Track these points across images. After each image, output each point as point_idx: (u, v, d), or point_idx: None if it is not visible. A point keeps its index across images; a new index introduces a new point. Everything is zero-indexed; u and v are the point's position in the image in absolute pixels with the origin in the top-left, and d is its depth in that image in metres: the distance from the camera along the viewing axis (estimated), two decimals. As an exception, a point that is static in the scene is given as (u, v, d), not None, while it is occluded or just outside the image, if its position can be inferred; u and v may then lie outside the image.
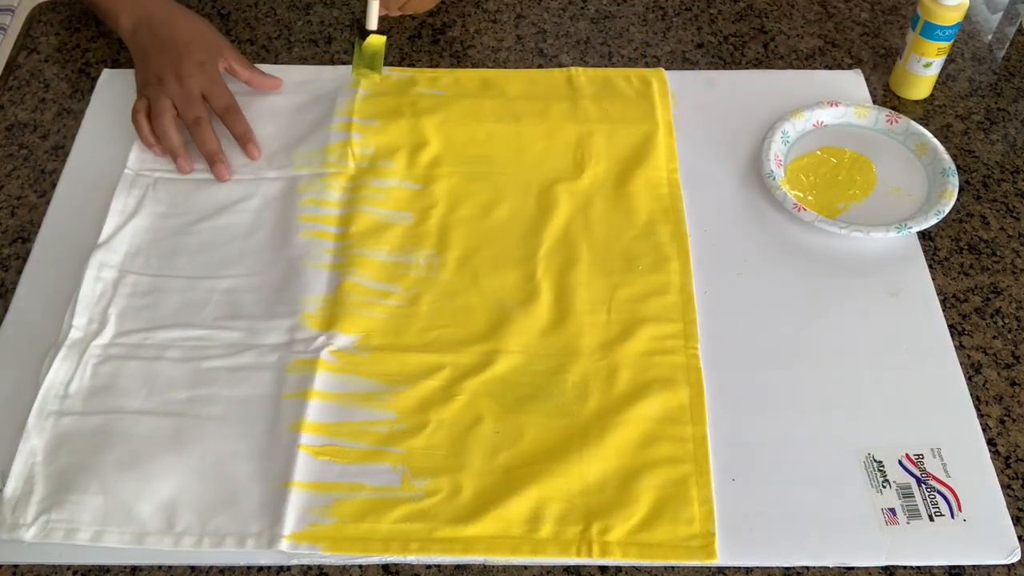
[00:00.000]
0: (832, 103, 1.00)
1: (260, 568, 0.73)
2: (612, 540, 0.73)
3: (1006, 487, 0.76)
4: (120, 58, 1.07)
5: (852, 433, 0.79)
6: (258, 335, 0.84)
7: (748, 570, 0.73)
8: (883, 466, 0.77)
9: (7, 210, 0.94)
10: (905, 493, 0.75)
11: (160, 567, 0.73)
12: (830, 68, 1.08)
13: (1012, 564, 0.73)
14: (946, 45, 0.99)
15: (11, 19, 1.59)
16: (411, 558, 0.73)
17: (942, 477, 0.76)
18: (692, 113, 1.02)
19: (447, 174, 0.96)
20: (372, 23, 0.80)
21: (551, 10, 1.14)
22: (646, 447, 0.78)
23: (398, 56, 1.09)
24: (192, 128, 0.95)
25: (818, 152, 0.99)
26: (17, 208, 0.95)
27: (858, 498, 0.75)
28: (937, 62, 1.01)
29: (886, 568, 0.73)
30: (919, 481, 0.76)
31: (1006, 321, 0.87)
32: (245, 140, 0.95)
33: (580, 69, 1.06)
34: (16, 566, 0.73)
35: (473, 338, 0.84)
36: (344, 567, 0.73)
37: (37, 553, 0.73)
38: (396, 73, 1.05)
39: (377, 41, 0.79)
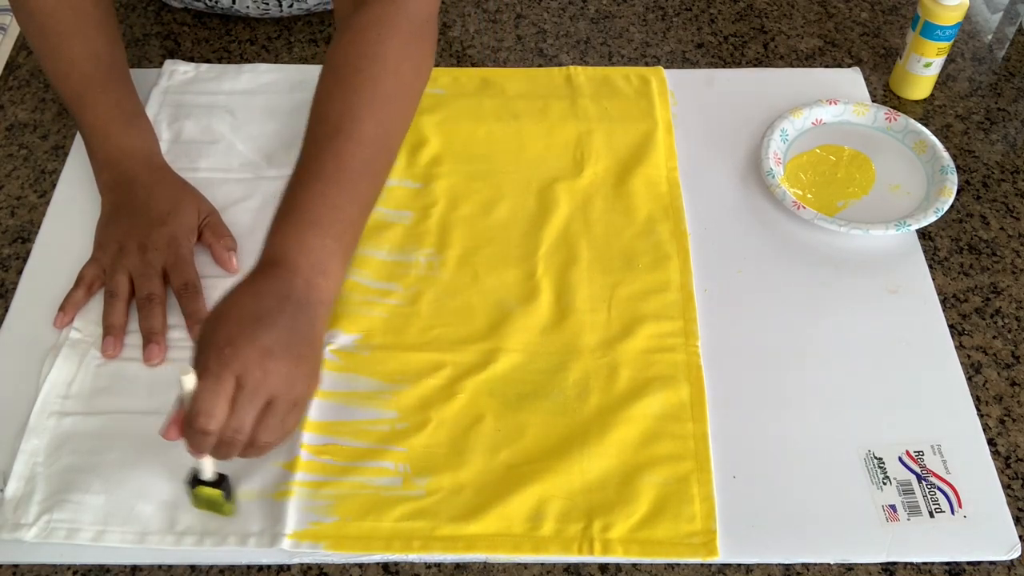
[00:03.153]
0: (831, 101, 1.00)
1: (261, 567, 0.73)
2: (614, 537, 0.73)
3: (1006, 487, 0.76)
4: (120, 58, 1.07)
5: (852, 430, 0.79)
6: (258, 334, 0.84)
7: (749, 567, 0.73)
8: (883, 463, 0.77)
9: (7, 210, 0.94)
10: (906, 490, 0.75)
11: (160, 566, 0.73)
12: (829, 68, 1.08)
13: (1012, 561, 0.73)
14: (946, 45, 0.99)
15: (11, 19, 1.59)
16: (413, 556, 0.73)
17: (942, 474, 0.76)
18: (691, 111, 1.02)
19: (447, 173, 0.96)
20: (207, 475, 0.70)
21: (551, 10, 1.14)
22: (647, 444, 0.78)
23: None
24: (141, 303, 0.84)
25: (817, 150, 0.99)
26: (17, 208, 0.95)
27: (859, 495, 0.75)
28: (937, 62, 1.01)
29: (887, 565, 0.73)
30: (919, 478, 0.76)
31: (1006, 321, 0.87)
32: (194, 320, 0.83)
33: (579, 68, 1.06)
34: (16, 566, 0.73)
35: (474, 337, 0.84)
36: (345, 566, 0.73)
37: (37, 553, 0.73)
38: (396, 73, 1.05)
39: (212, 493, 0.71)
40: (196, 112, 1.01)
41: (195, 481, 0.72)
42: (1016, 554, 0.73)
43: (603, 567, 0.73)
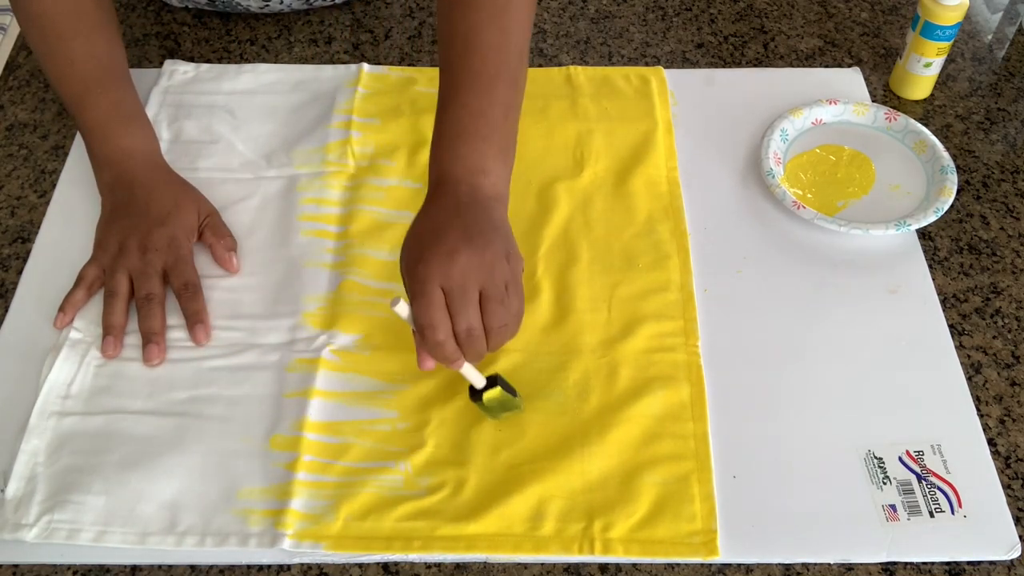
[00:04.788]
0: (831, 101, 1.00)
1: (261, 567, 0.73)
2: (614, 537, 0.73)
3: (1006, 487, 0.76)
4: (120, 58, 1.07)
5: (852, 430, 0.79)
6: (259, 335, 0.84)
7: (749, 567, 0.73)
8: (883, 463, 0.77)
9: (7, 210, 0.94)
10: (906, 490, 0.75)
11: (160, 566, 0.73)
12: (829, 68, 1.08)
13: (1012, 561, 0.73)
14: (946, 45, 0.99)
15: (11, 19, 1.59)
16: (413, 556, 0.73)
17: (942, 473, 0.76)
18: (691, 111, 1.02)
19: (447, 173, 0.96)
20: (477, 382, 0.76)
21: (551, 10, 1.14)
22: (647, 444, 0.78)
23: (398, 56, 1.09)
24: (140, 303, 0.84)
25: (817, 150, 0.99)
26: (17, 208, 0.95)
27: (859, 495, 0.75)
28: (937, 62, 1.01)
29: (887, 565, 0.73)
30: (919, 477, 0.76)
31: (1006, 321, 0.87)
32: (194, 320, 0.84)
33: (579, 68, 1.06)
34: (16, 566, 0.73)
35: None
36: (345, 566, 0.73)
37: (38, 553, 0.73)
38: (396, 73, 1.05)
39: (496, 394, 0.76)
40: (196, 112, 1.01)
41: (476, 394, 0.77)
42: (1016, 554, 0.73)
43: (603, 567, 0.73)
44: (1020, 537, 0.74)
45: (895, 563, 0.73)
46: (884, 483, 0.76)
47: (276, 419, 0.79)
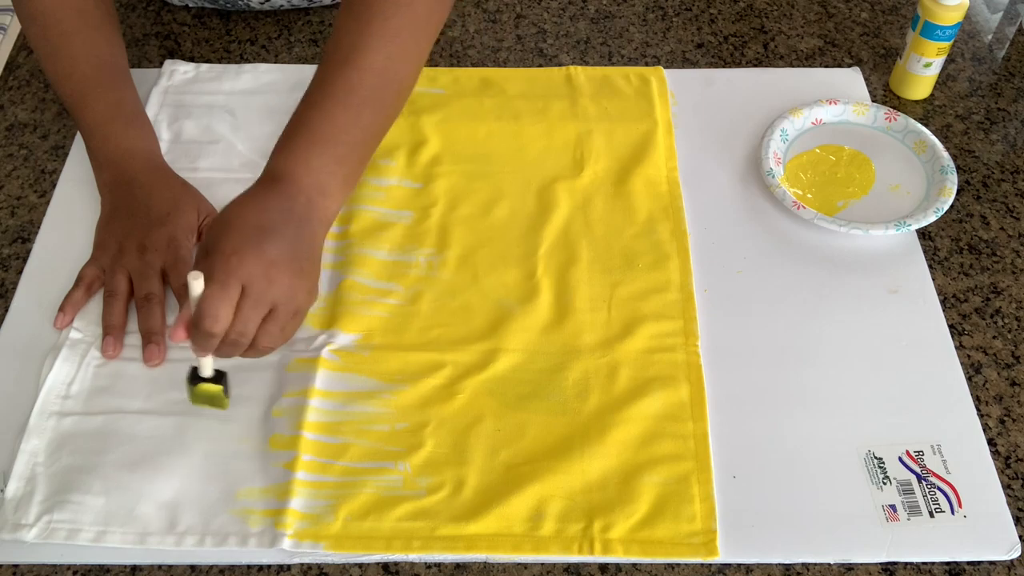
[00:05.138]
0: (831, 101, 1.00)
1: (261, 567, 0.73)
2: (614, 537, 0.73)
3: (1006, 487, 0.76)
4: (120, 58, 1.07)
5: (852, 430, 0.79)
6: (259, 334, 0.84)
7: (749, 567, 0.73)
8: (883, 463, 0.77)
9: (7, 210, 0.94)
10: (906, 490, 0.75)
11: (160, 567, 0.73)
12: (829, 68, 1.08)
13: (1012, 561, 0.73)
14: (946, 45, 0.99)
15: (11, 19, 1.59)
16: (413, 556, 0.73)
17: (942, 474, 0.76)
18: (691, 111, 1.02)
19: (447, 172, 0.96)
20: (206, 371, 0.74)
21: (551, 10, 1.14)
22: (647, 444, 0.78)
23: (398, 56, 1.09)
24: (140, 303, 0.84)
25: (817, 150, 0.99)
26: (17, 208, 0.95)
27: (859, 495, 0.75)
28: (937, 62, 1.01)
29: (887, 565, 0.73)
30: (919, 478, 0.76)
31: (1006, 321, 0.87)
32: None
33: (579, 68, 1.06)
34: (16, 566, 0.73)
35: (474, 336, 0.84)
36: (345, 566, 0.73)
37: (38, 553, 0.73)
38: (396, 73, 1.05)
39: (212, 389, 0.75)
40: (196, 112, 1.01)
41: (195, 378, 0.75)
42: (1016, 554, 0.73)
43: (603, 567, 0.73)
44: (1020, 537, 0.74)
45: (895, 563, 0.73)
46: (884, 483, 0.76)
47: (276, 419, 0.79)
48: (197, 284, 0.69)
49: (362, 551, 0.73)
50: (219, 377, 0.76)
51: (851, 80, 1.06)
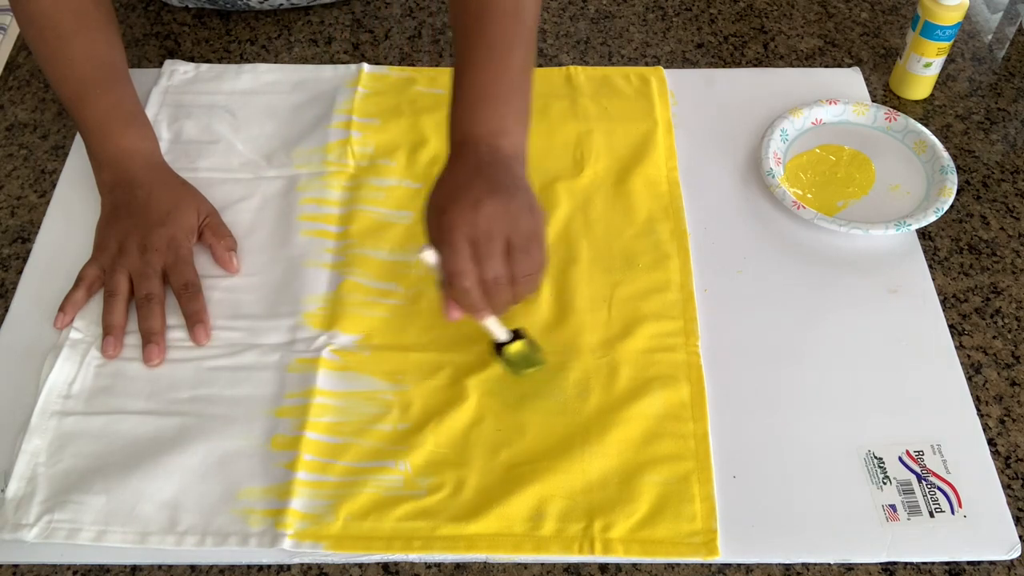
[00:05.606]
0: (831, 101, 1.00)
1: (261, 567, 0.73)
2: (614, 537, 0.73)
3: (1006, 487, 0.76)
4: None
5: (852, 430, 0.79)
6: (259, 335, 0.84)
7: (749, 567, 0.73)
8: (883, 463, 0.77)
9: (7, 210, 0.94)
10: (906, 490, 0.75)
11: (160, 566, 0.73)
12: (829, 68, 1.08)
13: (1012, 561, 0.73)
14: (946, 45, 0.99)
15: (11, 19, 1.59)
16: (413, 556, 0.73)
17: (942, 473, 0.76)
18: (691, 111, 1.02)
19: (447, 173, 0.96)
20: (501, 335, 0.78)
21: (551, 10, 1.14)
22: (647, 444, 0.78)
23: (398, 56, 1.09)
24: (140, 303, 0.84)
25: (817, 150, 0.99)
26: (17, 208, 0.95)
27: (859, 495, 0.75)
28: (937, 62, 1.01)
29: (887, 565, 0.73)
30: (919, 477, 0.76)
31: (1006, 321, 0.87)
32: (194, 321, 0.84)
33: (579, 68, 1.06)
34: (16, 566, 0.73)
35: (474, 336, 0.84)
36: (345, 566, 0.73)
37: (38, 553, 0.73)
38: (396, 72, 1.05)
39: (519, 348, 0.79)
40: (196, 112, 1.01)
41: (498, 348, 0.79)
42: (1016, 554, 0.73)
43: (603, 567, 0.73)
44: (1020, 537, 0.74)
45: (895, 563, 0.73)
46: (884, 483, 0.76)
47: (276, 419, 0.79)
48: (430, 256, 0.74)
49: (362, 551, 0.73)
50: (517, 336, 0.79)
51: (851, 80, 1.06)
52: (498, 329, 0.78)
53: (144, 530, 0.73)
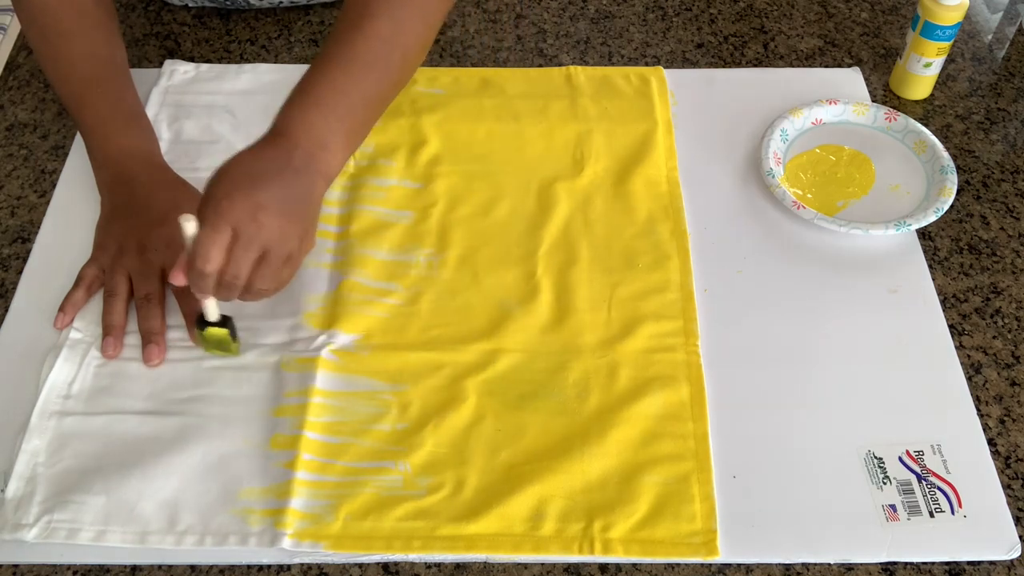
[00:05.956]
0: (831, 101, 1.00)
1: (260, 567, 0.73)
2: (614, 537, 0.73)
3: (1006, 487, 0.76)
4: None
5: (852, 430, 0.79)
6: (259, 334, 0.84)
7: (749, 567, 0.73)
8: (883, 463, 0.77)
9: (7, 210, 0.94)
10: (906, 490, 0.75)
11: (160, 566, 0.73)
12: (829, 68, 1.08)
13: (1012, 561, 0.73)
14: (946, 45, 0.99)
15: (11, 19, 1.59)
16: (413, 556, 0.73)
17: (942, 473, 0.76)
18: (691, 111, 1.02)
19: (447, 173, 0.96)
20: (212, 315, 0.78)
21: (551, 10, 1.14)
22: (647, 444, 0.78)
23: (398, 56, 1.09)
24: (139, 303, 0.85)
25: (817, 150, 0.99)
26: (17, 208, 0.95)
27: (859, 495, 0.75)
28: (937, 62, 1.01)
29: (887, 565, 0.73)
30: (919, 477, 0.76)
31: (1006, 321, 0.87)
32: (191, 321, 0.84)
33: (579, 68, 1.06)
34: (16, 566, 0.73)
35: (474, 336, 0.84)
36: (345, 566, 0.73)
37: (38, 553, 0.73)
38: (396, 73, 1.05)
39: (219, 332, 0.79)
40: (196, 112, 1.01)
41: (202, 323, 0.79)
42: (1016, 554, 0.73)
43: (603, 567, 0.73)
44: (1020, 537, 0.74)
45: (895, 563, 0.73)
46: (884, 483, 0.76)
47: (276, 419, 0.79)
48: (189, 226, 0.72)
49: (362, 551, 0.73)
50: (225, 322, 0.79)
51: (851, 80, 1.06)
52: (212, 310, 0.78)
53: (144, 530, 0.73)
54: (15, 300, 0.87)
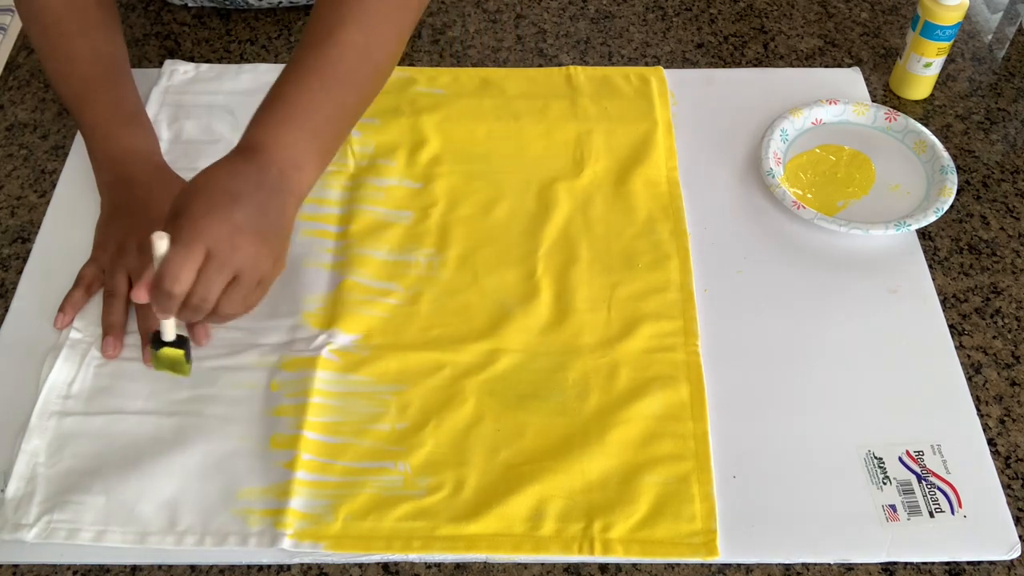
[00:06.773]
0: (831, 101, 1.00)
1: (260, 567, 0.73)
2: (614, 537, 0.73)
3: (1006, 487, 0.76)
4: (120, 58, 1.07)
5: (852, 430, 0.79)
6: (259, 334, 0.84)
7: (749, 567, 0.73)
8: (883, 463, 0.77)
9: (7, 210, 0.94)
10: (905, 490, 0.75)
11: (160, 566, 0.73)
12: (829, 68, 1.08)
13: (1012, 561, 0.73)
14: (946, 45, 0.99)
15: (11, 19, 1.59)
16: (413, 556, 0.73)
17: (942, 474, 0.76)
18: (691, 111, 1.02)
19: (447, 173, 0.96)
20: (168, 335, 0.74)
21: (551, 10, 1.14)
22: (647, 444, 0.78)
23: (398, 56, 1.09)
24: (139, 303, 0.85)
25: (817, 150, 0.99)
26: (17, 208, 0.95)
27: (859, 495, 0.75)
28: (937, 62, 1.01)
29: (887, 565, 0.73)
30: (919, 478, 0.76)
31: (1006, 321, 0.87)
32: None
33: (579, 68, 1.06)
34: (16, 566, 0.73)
35: (473, 336, 0.84)
36: (345, 566, 0.73)
37: (38, 553, 0.73)
38: (396, 72, 1.05)
39: (173, 353, 0.75)
40: (196, 112, 1.01)
41: (157, 342, 0.75)
42: (1016, 554, 0.73)
43: (603, 567, 0.73)
44: (1020, 537, 0.74)
45: (895, 563, 0.73)
46: (884, 483, 0.76)
47: (276, 419, 0.79)
48: (162, 244, 0.69)
49: (362, 551, 0.73)
50: (181, 342, 0.75)
51: (851, 80, 1.06)
52: (170, 330, 0.74)
53: (144, 530, 0.73)
54: (15, 300, 0.87)
